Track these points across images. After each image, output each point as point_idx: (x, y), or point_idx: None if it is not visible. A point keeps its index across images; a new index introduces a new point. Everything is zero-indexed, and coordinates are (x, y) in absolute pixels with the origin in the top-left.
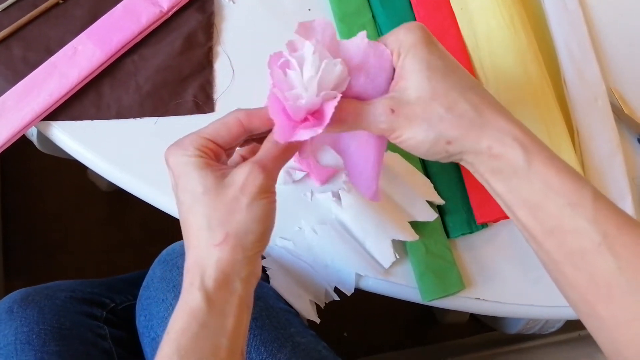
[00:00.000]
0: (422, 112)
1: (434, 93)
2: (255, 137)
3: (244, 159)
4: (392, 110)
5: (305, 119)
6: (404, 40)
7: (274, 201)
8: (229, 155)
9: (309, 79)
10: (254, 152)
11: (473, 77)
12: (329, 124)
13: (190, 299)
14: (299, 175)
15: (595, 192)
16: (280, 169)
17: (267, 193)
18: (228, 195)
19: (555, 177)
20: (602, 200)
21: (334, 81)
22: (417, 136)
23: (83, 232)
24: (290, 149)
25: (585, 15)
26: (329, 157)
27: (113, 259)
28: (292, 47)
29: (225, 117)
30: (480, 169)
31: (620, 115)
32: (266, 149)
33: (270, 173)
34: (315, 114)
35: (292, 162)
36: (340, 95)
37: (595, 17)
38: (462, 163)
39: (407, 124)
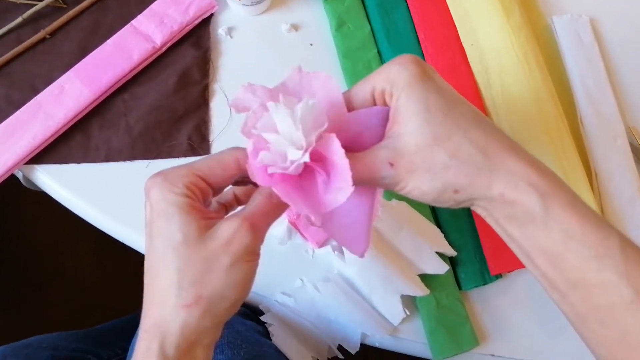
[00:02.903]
0: (424, 161)
1: (434, 138)
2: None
3: (238, 200)
4: (391, 164)
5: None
6: (396, 78)
7: (257, 265)
8: (216, 194)
9: (291, 132)
10: (249, 196)
11: (478, 111)
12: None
13: None
14: (299, 238)
15: (623, 241)
16: (269, 227)
17: (252, 255)
18: (208, 251)
19: (577, 225)
20: (631, 250)
21: (312, 119)
22: (421, 187)
23: (75, 264)
24: (283, 204)
25: (602, 50)
26: None
27: (106, 293)
28: (251, 124)
29: (221, 154)
30: (495, 215)
31: None
32: (258, 203)
33: (259, 232)
34: (314, 160)
35: (287, 222)
36: (326, 126)
37: (612, 52)
38: (473, 208)
39: (409, 176)
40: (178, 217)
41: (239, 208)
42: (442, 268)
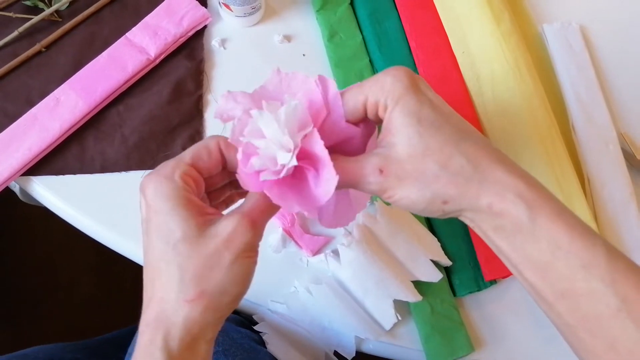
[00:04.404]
0: (414, 170)
1: (426, 149)
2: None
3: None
4: (381, 171)
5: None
6: (390, 90)
7: (256, 260)
8: (208, 185)
9: (278, 136)
10: None
11: (468, 124)
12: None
13: None
14: (293, 246)
15: (610, 250)
16: (267, 222)
17: (251, 251)
18: (209, 248)
19: (564, 235)
20: (617, 259)
21: (297, 121)
22: (410, 196)
23: (72, 280)
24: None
25: (592, 56)
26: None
27: (103, 309)
28: (239, 132)
29: (204, 140)
30: (482, 227)
31: (632, 161)
32: (256, 199)
33: (258, 228)
34: (301, 158)
35: (282, 231)
36: (311, 127)
37: (602, 59)
38: (461, 219)
39: (399, 184)
40: (176, 214)
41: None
42: (436, 276)
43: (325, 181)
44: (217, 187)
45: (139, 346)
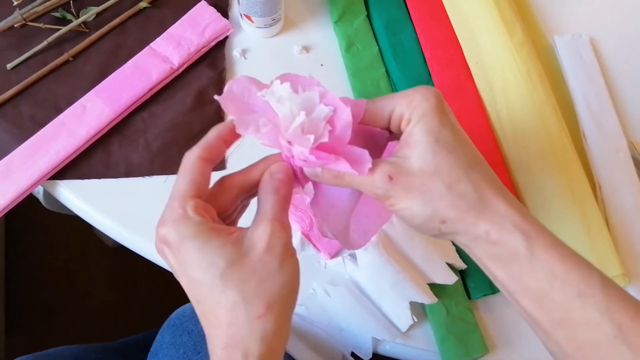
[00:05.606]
0: (422, 185)
1: (437, 168)
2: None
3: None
4: (390, 178)
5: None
6: (417, 106)
7: (297, 256)
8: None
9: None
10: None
11: (479, 154)
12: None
13: None
14: (311, 249)
15: (604, 279)
16: (288, 216)
17: (291, 249)
18: (255, 262)
19: (560, 265)
20: (611, 288)
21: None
22: (412, 208)
23: (89, 288)
24: (289, 192)
25: (602, 67)
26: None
27: (119, 316)
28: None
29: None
30: (478, 253)
31: None
32: (273, 201)
33: (287, 227)
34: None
35: (300, 234)
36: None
37: (612, 70)
38: (456, 242)
39: (404, 194)
40: (210, 246)
41: None
42: (451, 278)
43: (339, 119)
44: (229, 211)
45: None
